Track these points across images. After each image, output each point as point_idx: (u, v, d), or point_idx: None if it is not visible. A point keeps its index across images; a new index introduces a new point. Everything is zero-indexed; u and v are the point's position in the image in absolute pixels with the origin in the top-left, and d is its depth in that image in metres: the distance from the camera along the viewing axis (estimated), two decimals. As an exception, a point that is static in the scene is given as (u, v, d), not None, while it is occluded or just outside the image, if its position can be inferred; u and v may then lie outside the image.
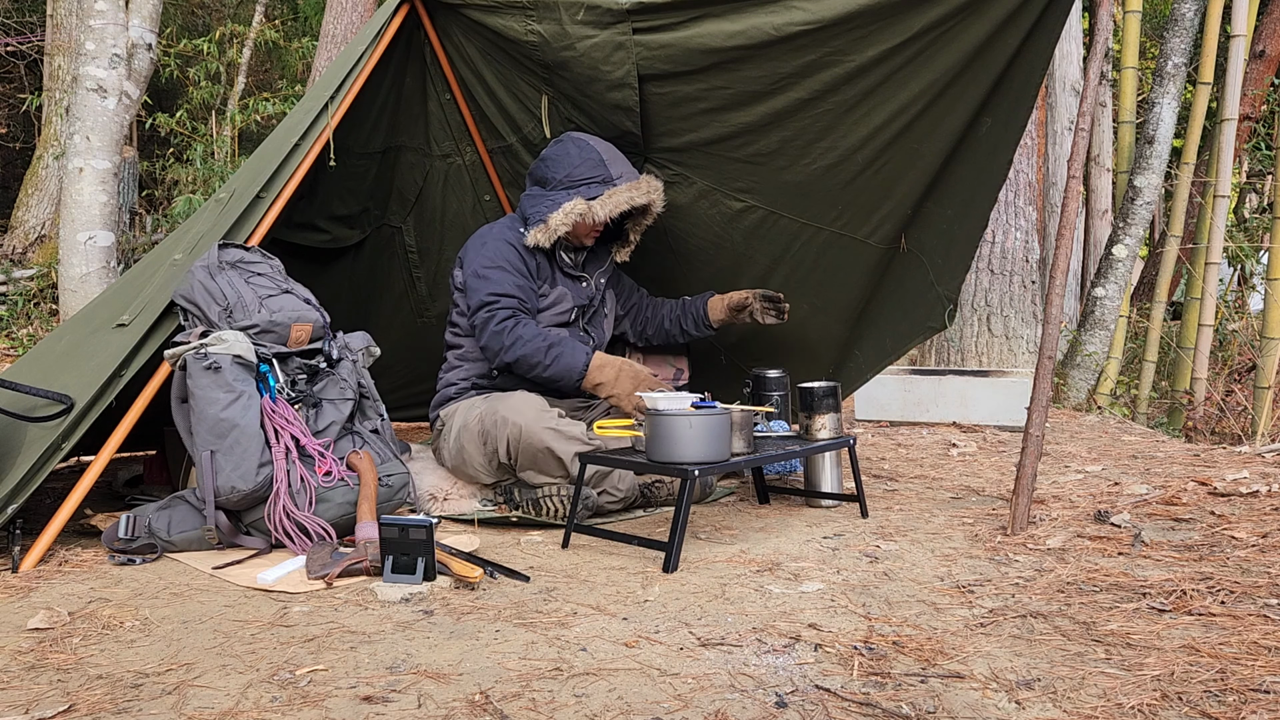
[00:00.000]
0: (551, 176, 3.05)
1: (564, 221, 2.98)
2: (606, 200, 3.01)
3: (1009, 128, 2.81)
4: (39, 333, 7.09)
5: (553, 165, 3.06)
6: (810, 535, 2.58)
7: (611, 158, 3.07)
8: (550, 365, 2.88)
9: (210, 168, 7.81)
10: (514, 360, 2.90)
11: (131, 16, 5.88)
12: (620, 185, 3.03)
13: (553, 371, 2.89)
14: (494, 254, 2.99)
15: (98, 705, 1.52)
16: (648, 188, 3.09)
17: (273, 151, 2.97)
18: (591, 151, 3.04)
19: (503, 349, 2.90)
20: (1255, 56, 7.03)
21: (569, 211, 2.98)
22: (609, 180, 3.03)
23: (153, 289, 2.76)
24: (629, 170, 3.10)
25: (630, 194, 3.04)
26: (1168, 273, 5.76)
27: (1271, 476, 2.91)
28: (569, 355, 2.89)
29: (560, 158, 3.06)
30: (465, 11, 3.21)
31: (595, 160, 3.03)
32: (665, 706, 1.48)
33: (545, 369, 2.88)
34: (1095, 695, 1.50)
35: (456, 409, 3.00)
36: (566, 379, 2.89)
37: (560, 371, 2.88)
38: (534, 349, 2.87)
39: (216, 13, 11.04)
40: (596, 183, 3.02)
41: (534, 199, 3.07)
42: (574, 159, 3.03)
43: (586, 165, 3.02)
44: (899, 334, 3.33)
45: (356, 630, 1.85)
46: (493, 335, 2.91)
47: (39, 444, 2.40)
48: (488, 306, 2.93)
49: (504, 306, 2.92)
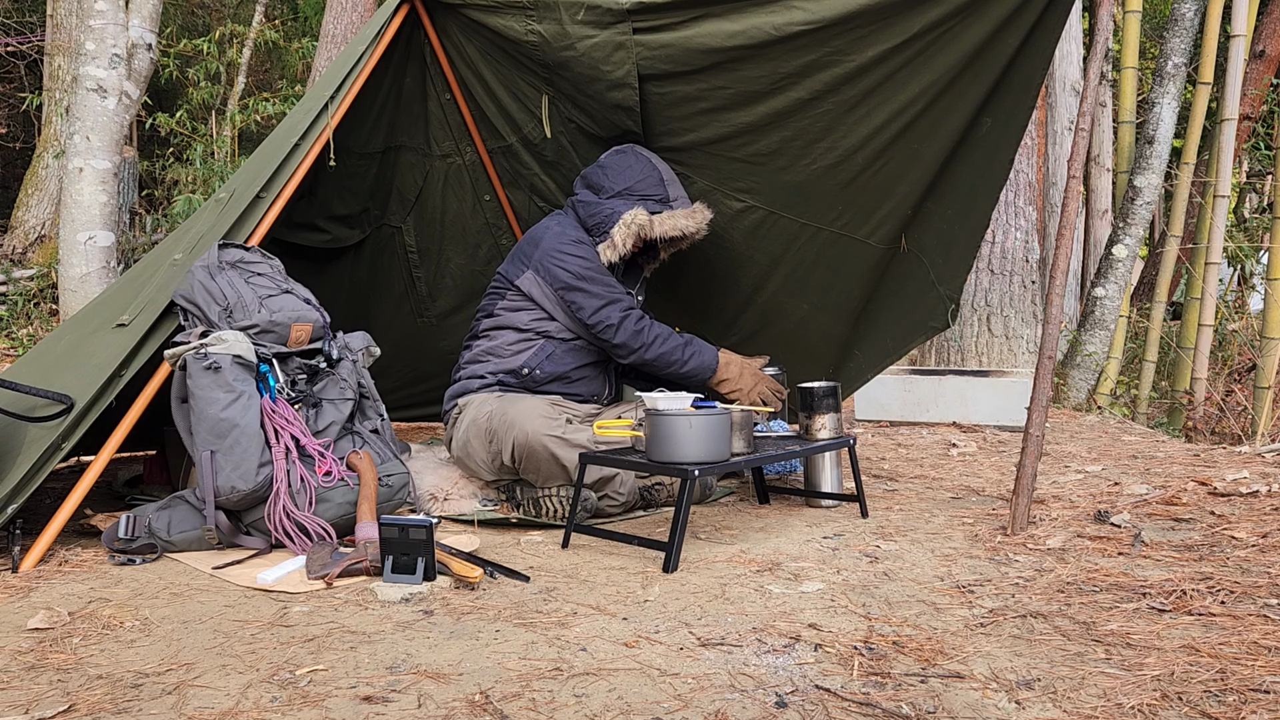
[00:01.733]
0: (610, 185, 3.06)
1: (627, 235, 3.01)
2: (665, 219, 3.04)
3: (1009, 128, 2.81)
4: (39, 333, 7.09)
5: (612, 174, 3.07)
6: (810, 535, 2.58)
7: (670, 179, 3.11)
8: (688, 362, 2.99)
9: (210, 168, 7.82)
10: (654, 357, 2.97)
11: (131, 16, 5.88)
12: (678, 209, 3.07)
13: (689, 368, 2.99)
14: (589, 261, 2.99)
15: (98, 705, 1.52)
16: (701, 217, 3.11)
17: (273, 151, 2.97)
18: (653, 170, 3.08)
19: (643, 346, 2.96)
20: (1255, 56, 7.03)
21: (629, 224, 3.00)
22: (667, 200, 3.07)
23: (153, 289, 2.76)
24: (684, 196, 3.13)
25: (686, 221, 3.07)
26: (1168, 273, 5.76)
27: (1271, 476, 2.91)
28: (701, 353, 3.01)
29: (622, 168, 3.07)
30: (465, 11, 3.20)
31: (657, 179, 3.07)
32: (665, 706, 1.48)
33: (683, 365, 2.98)
34: (1095, 695, 1.50)
35: (471, 400, 2.99)
36: (699, 375, 3.01)
37: (695, 368, 3.00)
38: (673, 346, 2.98)
39: (216, 13, 11.04)
40: (655, 200, 3.05)
41: (588, 205, 3.07)
42: (636, 173, 3.06)
43: (648, 182, 3.06)
44: (899, 334, 3.33)
45: (356, 630, 1.85)
46: (634, 334, 2.96)
47: (39, 444, 2.40)
48: (619, 304, 2.96)
49: (631, 306, 2.98)
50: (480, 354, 3.09)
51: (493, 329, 3.09)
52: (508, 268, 3.10)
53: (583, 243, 3.02)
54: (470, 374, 3.08)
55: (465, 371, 3.09)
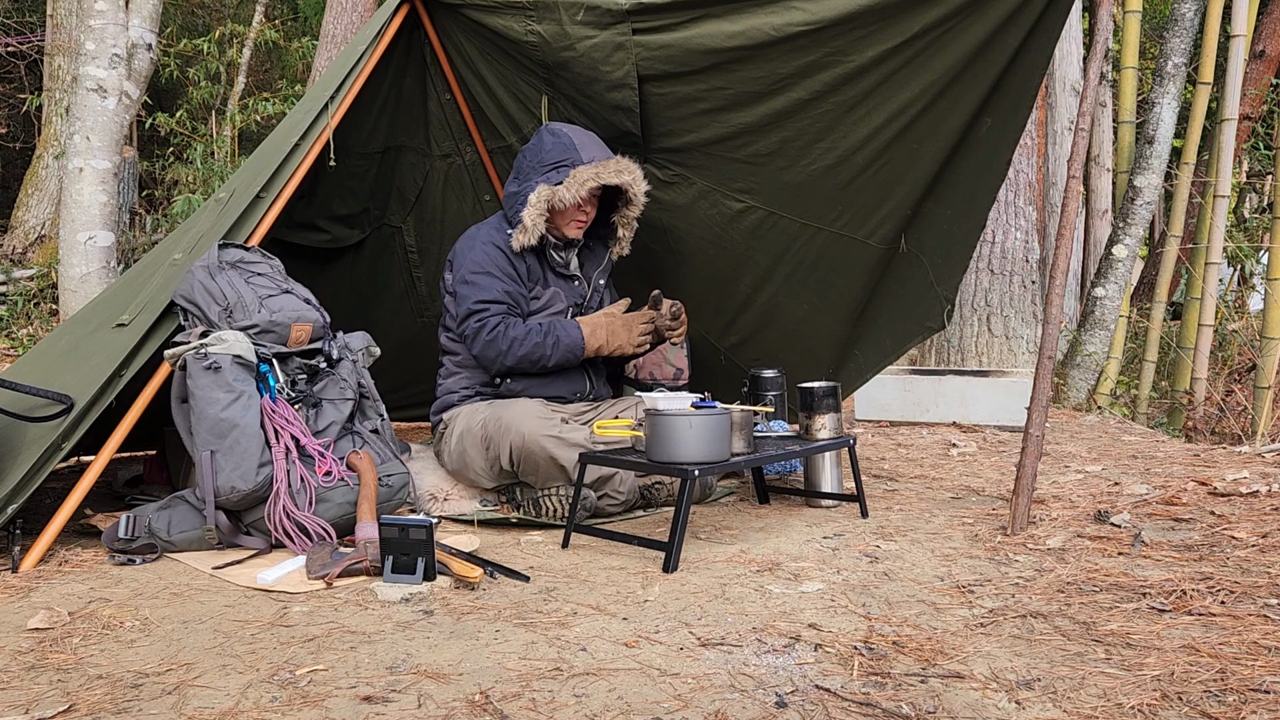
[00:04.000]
0: (523, 166, 3.01)
1: (537, 217, 2.92)
2: (570, 182, 2.92)
3: (1009, 128, 2.81)
4: (39, 333, 7.09)
5: (527, 155, 3.02)
6: (810, 535, 2.58)
7: (584, 142, 2.99)
8: (553, 354, 2.89)
9: (210, 168, 7.81)
10: (516, 362, 2.89)
11: (131, 16, 5.88)
12: (586, 166, 2.94)
13: (558, 358, 2.90)
14: (481, 259, 2.94)
15: (98, 705, 1.52)
16: (618, 167, 2.99)
17: (273, 151, 2.97)
18: (563, 138, 2.97)
19: (500, 355, 2.88)
20: (1255, 56, 7.03)
21: (536, 203, 2.91)
22: (577, 162, 2.94)
23: (153, 289, 2.76)
24: (604, 153, 3.01)
25: (596, 171, 2.94)
26: (1168, 273, 5.76)
27: (1271, 476, 2.91)
28: (565, 336, 2.90)
29: (533, 147, 3.02)
30: (465, 11, 3.21)
31: (566, 145, 2.96)
32: (665, 706, 1.48)
33: (550, 359, 2.89)
34: (1095, 695, 1.50)
35: (459, 413, 2.98)
36: (573, 357, 2.91)
37: (563, 357, 2.90)
38: (532, 344, 2.87)
39: (216, 13, 11.04)
40: (565, 166, 2.94)
41: (509, 198, 3.03)
42: (545, 146, 2.98)
43: (556, 150, 2.95)
44: (899, 334, 3.33)
45: (356, 630, 1.85)
46: (486, 344, 2.88)
47: (39, 444, 2.40)
48: (476, 315, 2.89)
49: (493, 314, 2.89)
50: (453, 368, 3.08)
51: (453, 341, 3.07)
52: (445, 275, 3.09)
53: (490, 242, 2.97)
54: (448, 389, 3.07)
55: (443, 387, 3.09)
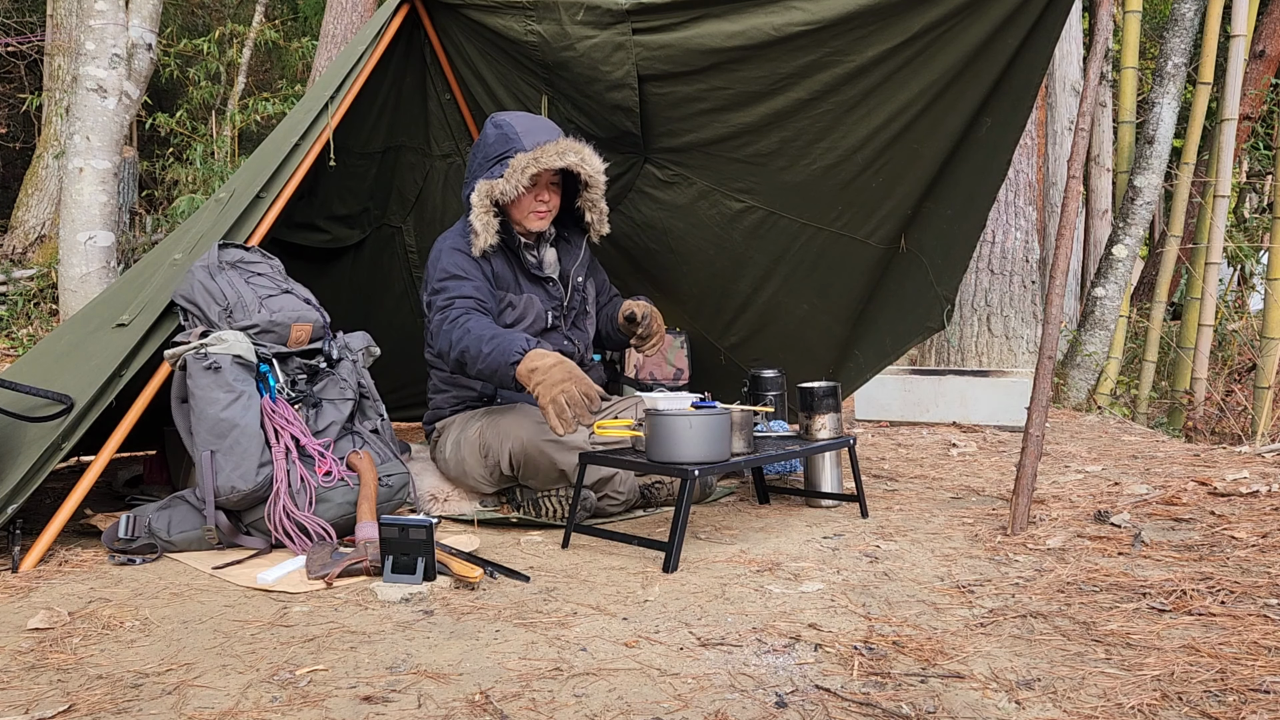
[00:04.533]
0: (471, 165, 2.88)
1: (484, 215, 2.76)
2: (510, 173, 2.74)
3: (1009, 128, 2.81)
4: (39, 333, 7.09)
5: (475, 151, 2.87)
6: (810, 535, 2.58)
7: (529, 129, 2.80)
8: (487, 356, 2.53)
9: (210, 168, 7.81)
10: (459, 354, 2.61)
11: (131, 16, 5.88)
12: (523, 154, 2.74)
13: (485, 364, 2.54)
14: (448, 265, 2.80)
15: (98, 705, 1.52)
16: (559, 149, 2.77)
17: (273, 151, 2.97)
18: (506, 128, 2.80)
19: (450, 345, 2.63)
20: (1255, 56, 7.03)
21: (479, 202, 2.76)
22: (519, 150, 2.75)
23: (152, 289, 2.76)
24: (549, 135, 2.81)
25: (534, 156, 2.73)
26: (1168, 273, 5.76)
27: (1271, 476, 2.91)
28: (502, 347, 2.52)
29: (479, 143, 2.87)
30: (465, 11, 3.21)
31: (508, 135, 2.78)
32: (665, 706, 1.48)
33: (484, 358, 2.54)
34: (1095, 695, 1.50)
35: (452, 421, 2.97)
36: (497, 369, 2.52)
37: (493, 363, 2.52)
38: (473, 340, 2.56)
39: (216, 13, 11.05)
40: (506, 156, 2.76)
41: (465, 201, 2.87)
42: (489, 140, 2.82)
43: (499, 142, 2.79)
44: (899, 334, 3.33)
45: (356, 630, 1.85)
46: (443, 335, 2.65)
47: (39, 444, 2.40)
48: (440, 309, 2.72)
49: (457, 307, 2.70)
50: (440, 384, 3.03)
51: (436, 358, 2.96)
52: (422, 291, 2.96)
53: (454, 248, 2.82)
54: (438, 404, 3.04)
55: (434, 401, 3.05)
